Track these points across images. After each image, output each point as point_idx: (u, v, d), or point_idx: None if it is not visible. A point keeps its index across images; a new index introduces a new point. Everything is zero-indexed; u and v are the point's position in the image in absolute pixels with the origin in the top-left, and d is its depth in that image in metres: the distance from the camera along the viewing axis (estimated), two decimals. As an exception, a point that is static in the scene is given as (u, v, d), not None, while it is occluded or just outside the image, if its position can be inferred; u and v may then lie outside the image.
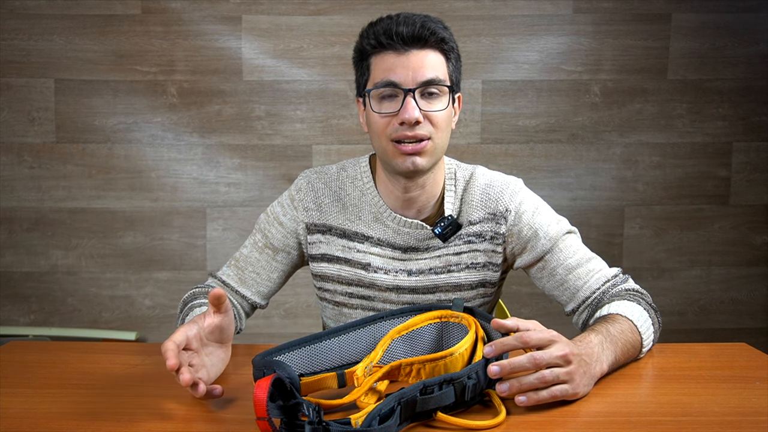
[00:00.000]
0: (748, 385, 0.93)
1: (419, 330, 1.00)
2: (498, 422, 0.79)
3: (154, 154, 2.57)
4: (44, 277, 2.60)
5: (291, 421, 0.72)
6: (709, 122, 2.64)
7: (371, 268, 1.18)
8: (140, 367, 1.00)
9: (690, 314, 2.70)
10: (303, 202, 1.20)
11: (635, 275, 1.29)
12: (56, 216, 2.58)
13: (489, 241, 1.17)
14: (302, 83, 2.57)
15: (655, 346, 1.09)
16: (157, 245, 2.60)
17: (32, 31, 2.51)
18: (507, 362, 0.82)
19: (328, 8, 2.54)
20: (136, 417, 0.82)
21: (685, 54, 2.60)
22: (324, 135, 2.59)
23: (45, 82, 2.53)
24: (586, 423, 0.81)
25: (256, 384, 0.71)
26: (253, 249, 1.23)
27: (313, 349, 0.93)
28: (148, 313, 2.62)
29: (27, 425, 0.79)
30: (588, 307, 1.13)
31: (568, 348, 0.85)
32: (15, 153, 2.55)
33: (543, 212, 1.19)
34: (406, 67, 1.06)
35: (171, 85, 2.54)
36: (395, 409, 0.74)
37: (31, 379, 0.95)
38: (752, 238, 2.69)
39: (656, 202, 2.66)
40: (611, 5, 2.57)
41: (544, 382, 0.83)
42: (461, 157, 2.57)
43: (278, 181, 2.59)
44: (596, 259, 1.17)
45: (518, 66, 2.59)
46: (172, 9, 2.51)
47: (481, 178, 1.19)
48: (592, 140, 2.63)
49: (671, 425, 0.80)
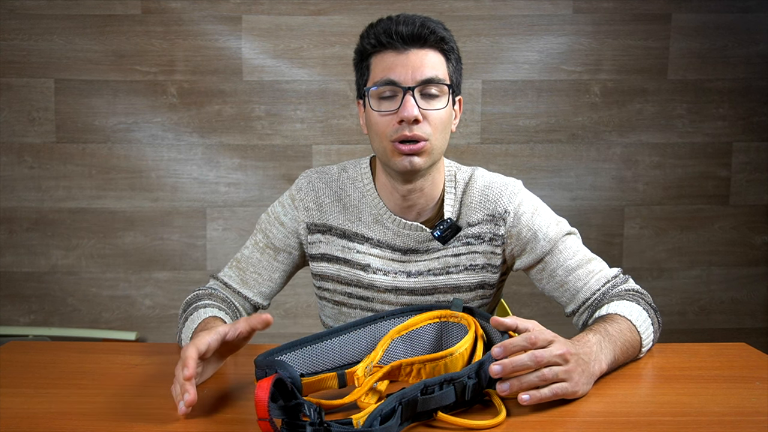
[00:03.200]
0: (748, 385, 0.93)
1: (419, 330, 1.00)
2: (498, 422, 0.79)
3: (154, 154, 2.57)
4: (44, 277, 2.60)
5: (292, 422, 0.72)
6: (709, 122, 2.64)
7: (370, 269, 1.18)
8: (140, 367, 1.00)
9: (690, 314, 2.70)
10: (304, 201, 1.20)
11: (635, 275, 1.29)
12: (56, 216, 2.58)
13: (488, 242, 1.17)
14: (302, 83, 2.57)
15: (655, 346, 1.09)
16: (157, 245, 2.60)
17: (32, 31, 2.51)
18: (509, 361, 0.83)
19: (328, 8, 2.54)
20: (136, 417, 0.82)
21: (685, 54, 2.60)
22: (324, 135, 2.59)
23: (45, 82, 2.53)
24: (586, 423, 0.81)
25: (257, 384, 0.71)
26: (254, 249, 1.23)
27: (313, 349, 0.93)
28: (148, 313, 2.62)
29: (27, 425, 0.79)
30: (588, 308, 1.13)
31: (566, 347, 0.86)
32: (15, 153, 2.55)
33: (542, 213, 1.19)
34: (405, 65, 1.06)
35: (171, 85, 2.54)
36: (396, 409, 0.74)
37: (31, 379, 0.95)
38: (752, 238, 2.69)
39: (656, 202, 2.66)
40: (611, 5, 2.57)
41: (544, 380, 0.83)
42: (461, 157, 2.58)
43: (278, 181, 2.59)
44: (596, 259, 1.17)
45: (518, 66, 2.59)
46: (172, 9, 2.52)
47: (480, 179, 1.19)
48: (592, 140, 2.63)
49: (671, 425, 0.80)
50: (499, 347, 0.83)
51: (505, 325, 0.89)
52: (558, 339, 0.87)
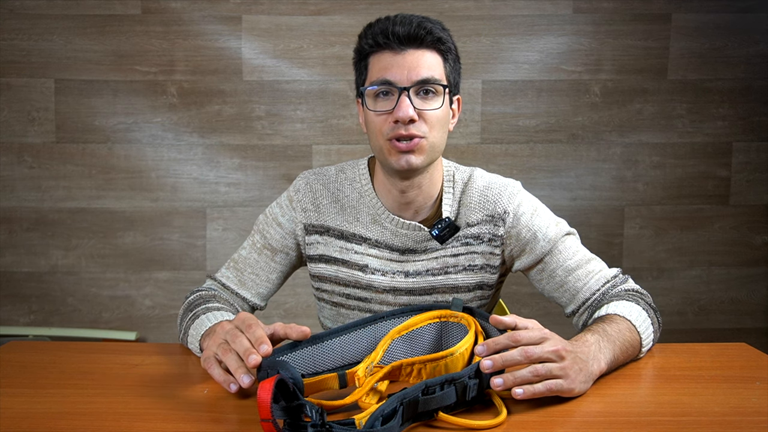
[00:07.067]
0: (748, 385, 0.93)
1: (419, 330, 1.00)
2: (499, 422, 0.79)
3: (154, 154, 2.57)
4: (44, 277, 2.60)
5: (294, 422, 0.72)
6: (709, 122, 2.64)
7: (368, 269, 1.18)
8: (140, 367, 1.00)
9: (690, 314, 2.70)
10: (301, 203, 1.20)
11: (635, 275, 1.29)
12: (56, 216, 2.58)
13: (487, 243, 1.17)
14: (302, 83, 2.57)
15: (655, 346, 1.09)
16: (157, 245, 2.60)
17: (32, 31, 2.51)
18: (499, 356, 0.83)
19: (328, 8, 2.54)
20: (136, 417, 0.82)
21: (685, 54, 2.60)
22: (324, 135, 2.59)
23: (45, 82, 2.53)
24: (586, 423, 0.81)
25: (260, 385, 0.71)
26: (251, 250, 1.23)
27: (313, 350, 0.93)
28: (148, 313, 2.62)
29: (27, 425, 0.79)
30: (588, 309, 1.13)
31: (561, 344, 0.86)
32: (15, 153, 2.55)
33: (541, 214, 1.19)
34: (401, 66, 1.06)
35: (171, 85, 2.54)
36: (398, 410, 0.74)
37: (31, 379, 0.94)
38: (752, 238, 2.69)
39: (656, 202, 2.66)
40: (611, 5, 2.57)
41: (537, 375, 0.83)
42: (461, 157, 2.59)
43: (278, 181, 2.59)
44: (596, 260, 1.17)
45: (518, 66, 2.59)
46: (172, 9, 2.51)
47: (479, 180, 1.19)
48: (592, 140, 2.63)
49: (671, 425, 0.80)
50: (482, 345, 0.85)
51: (505, 323, 0.89)
52: (553, 337, 0.87)
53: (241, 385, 0.83)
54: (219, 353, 0.88)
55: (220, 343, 0.89)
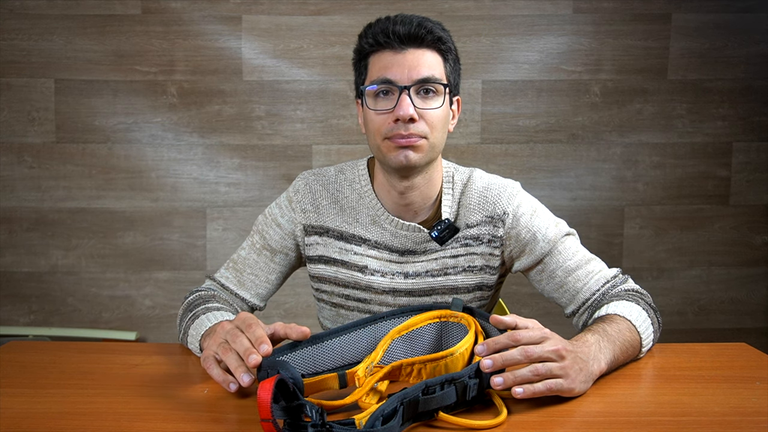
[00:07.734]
0: (748, 385, 0.93)
1: (419, 330, 1.00)
2: (499, 422, 0.79)
3: (154, 154, 2.57)
4: (44, 277, 2.60)
5: (295, 423, 0.72)
6: (709, 122, 2.64)
7: (368, 270, 1.17)
8: (140, 367, 1.00)
9: (690, 314, 2.70)
10: (301, 203, 1.20)
11: (635, 275, 1.29)
12: (56, 216, 2.58)
13: (486, 244, 1.17)
14: (302, 83, 2.57)
15: (655, 346, 1.09)
16: (157, 245, 2.60)
17: (32, 31, 2.51)
18: (499, 356, 0.83)
19: (328, 8, 2.54)
20: (136, 417, 0.82)
21: (685, 54, 2.60)
22: (324, 135, 2.59)
23: (45, 82, 2.53)
24: (586, 423, 0.81)
25: (260, 385, 0.71)
26: (251, 251, 1.23)
27: (313, 350, 0.93)
28: (148, 313, 2.62)
29: (27, 425, 0.79)
30: (588, 309, 1.13)
31: (562, 344, 0.86)
32: (15, 153, 2.55)
33: (541, 215, 1.19)
34: (402, 65, 1.06)
35: (171, 85, 2.54)
36: (398, 410, 0.74)
37: (31, 379, 0.94)
38: (752, 238, 2.69)
39: (656, 202, 2.66)
40: (611, 5, 2.57)
41: (538, 374, 0.84)
42: (461, 157, 2.59)
43: (278, 181, 2.59)
44: (595, 260, 1.17)
45: (518, 66, 2.59)
46: (172, 9, 2.51)
47: (478, 180, 1.19)
48: (592, 140, 2.63)
49: (671, 425, 0.80)
50: (482, 345, 0.85)
51: (505, 323, 0.89)
52: (554, 336, 0.88)
53: (242, 384, 0.83)
54: (219, 353, 0.88)
55: (221, 342, 0.89)
